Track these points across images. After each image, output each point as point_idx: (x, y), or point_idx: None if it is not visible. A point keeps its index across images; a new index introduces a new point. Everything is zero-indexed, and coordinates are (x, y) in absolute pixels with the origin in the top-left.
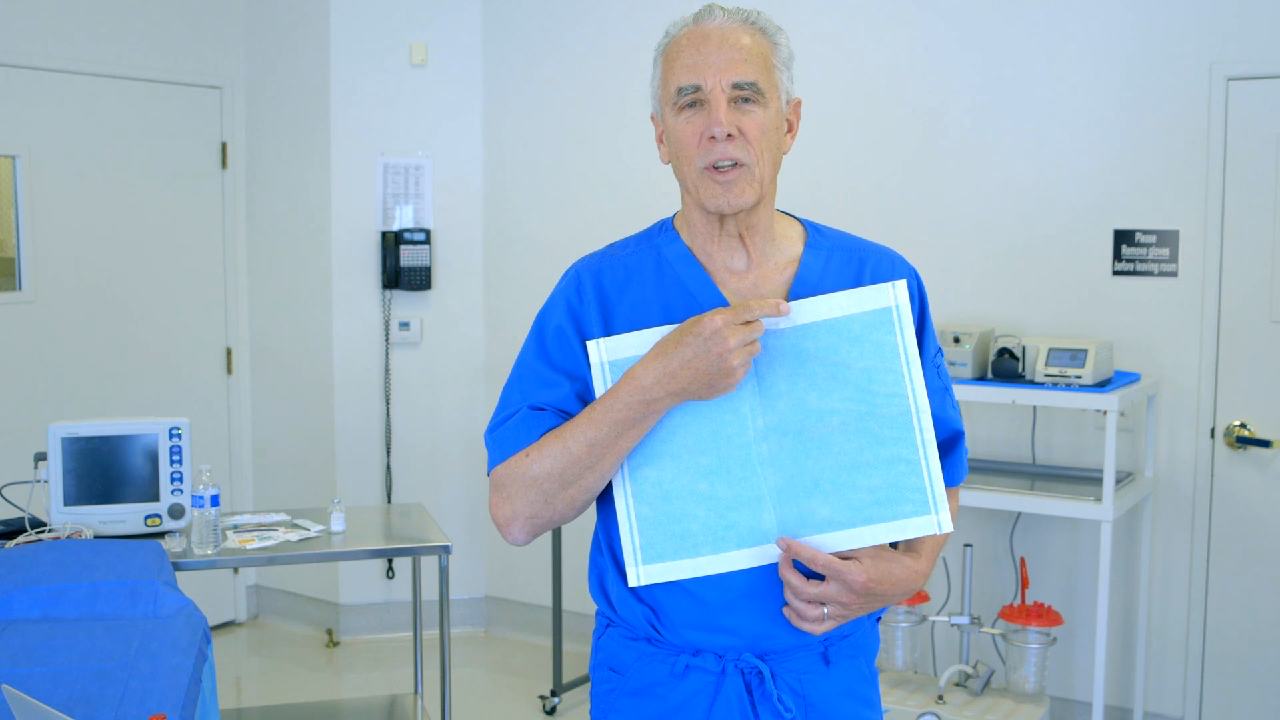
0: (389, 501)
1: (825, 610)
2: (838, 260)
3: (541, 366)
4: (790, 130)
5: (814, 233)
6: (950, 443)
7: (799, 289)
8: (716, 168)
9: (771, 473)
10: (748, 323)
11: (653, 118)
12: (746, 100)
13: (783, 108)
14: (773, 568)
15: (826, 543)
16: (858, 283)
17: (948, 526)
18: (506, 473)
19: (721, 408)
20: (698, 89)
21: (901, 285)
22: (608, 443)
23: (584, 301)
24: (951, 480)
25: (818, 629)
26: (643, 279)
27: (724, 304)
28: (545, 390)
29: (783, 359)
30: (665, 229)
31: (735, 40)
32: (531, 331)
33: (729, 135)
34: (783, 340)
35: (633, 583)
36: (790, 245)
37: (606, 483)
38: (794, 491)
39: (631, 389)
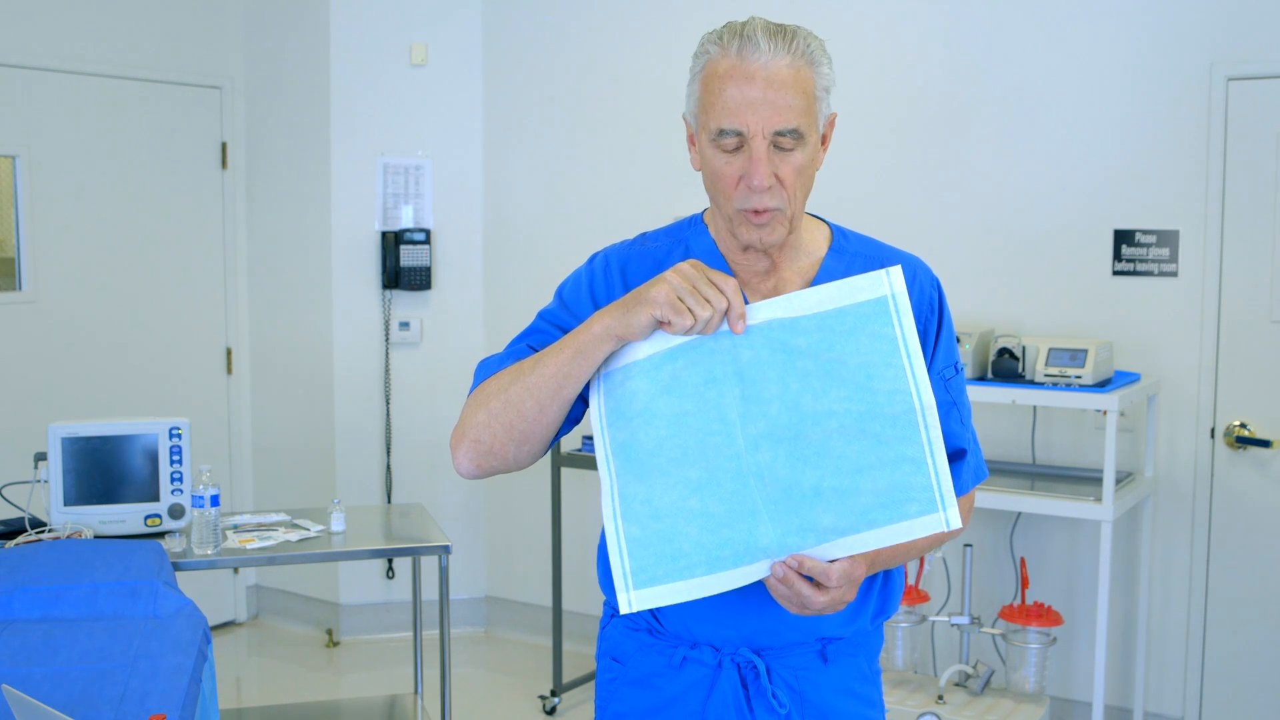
0: (389, 501)
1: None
2: (859, 267)
3: (546, 323)
4: (823, 144)
5: (839, 237)
6: (950, 459)
7: None
8: (754, 211)
9: (766, 484)
10: (709, 296)
11: (684, 118)
12: (786, 146)
13: (819, 130)
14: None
15: (831, 551)
16: None
17: (956, 522)
18: (472, 395)
19: (706, 415)
20: (740, 134)
21: (897, 271)
22: (551, 364)
23: (609, 283)
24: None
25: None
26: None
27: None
28: (542, 338)
29: (772, 359)
30: (695, 224)
31: (780, 80)
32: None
33: (768, 186)
34: (770, 338)
35: (623, 609)
36: (815, 249)
37: (547, 423)
38: (793, 502)
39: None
